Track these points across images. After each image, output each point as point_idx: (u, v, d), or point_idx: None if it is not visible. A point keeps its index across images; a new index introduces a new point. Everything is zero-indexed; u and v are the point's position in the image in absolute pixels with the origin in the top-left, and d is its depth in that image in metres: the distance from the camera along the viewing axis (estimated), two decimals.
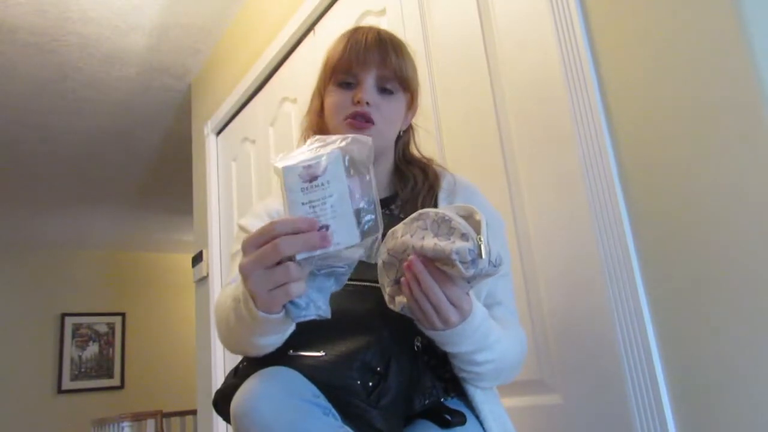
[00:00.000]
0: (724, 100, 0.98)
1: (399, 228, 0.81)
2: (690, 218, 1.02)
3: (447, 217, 0.76)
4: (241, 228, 1.03)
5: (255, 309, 0.69)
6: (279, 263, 0.66)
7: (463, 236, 0.73)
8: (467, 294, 0.78)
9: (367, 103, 0.96)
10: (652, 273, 1.07)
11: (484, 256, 0.71)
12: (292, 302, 0.69)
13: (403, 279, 0.77)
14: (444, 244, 0.73)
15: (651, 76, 1.09)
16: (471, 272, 0.72)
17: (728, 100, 0.98)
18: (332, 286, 0.72)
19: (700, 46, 1.02)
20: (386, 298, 0.81)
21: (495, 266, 0.73)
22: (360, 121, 0.96)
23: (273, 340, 0.77)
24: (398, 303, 0.79)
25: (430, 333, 0.80)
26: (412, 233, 0.78)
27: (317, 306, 0.70)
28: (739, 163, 0.96)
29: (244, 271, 0.68)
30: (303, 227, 0.65)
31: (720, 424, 0.96)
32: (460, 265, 0.71)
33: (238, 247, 1.01)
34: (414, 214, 0.80)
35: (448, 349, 0.83)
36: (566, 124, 1.23)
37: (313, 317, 0.70)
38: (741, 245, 0.95)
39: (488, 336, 0.83)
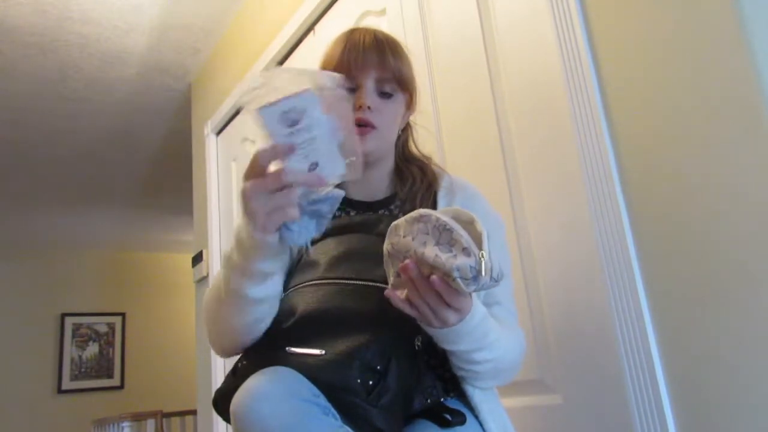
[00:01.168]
0: (724, 100, 0.98)
1: (401, 225, 0.80)
2: (690, 218, 1.02)
3: (449, 227, 0.74)
4: None
5: (252, 232, 0.74)
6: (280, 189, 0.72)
7: (465, 251, 0.72)
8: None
9: (369, 108, 0.97)
10: (652, 273, 1.07)
11: (485, 273, 0.71)
12: (286, 227, 0.75)
13: (400, 279, 0.77)
14: (445, 258, 0.72)
15: (651, 76, 1.09)
16: (472, 288, 0.72)
17: (728, 100, 0.98)
18: (314, 230, 0.78)
19: (700, 46, 1.02)
20: (389, 286, 0.81)
21: (496, 281, 0.73)
22: (362, 128, 0.97)
23: (263, 291, 0.81)
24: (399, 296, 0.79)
25: (428, 329, 0.81)
26: (414, 236, 0.77)
27: (309, 232, 0.77)
28: (739, 163, 0.96)
29: (246, 193, 0.73)
30: (281, 154, 0.73)
31: (720, 424, 0.96)
32: (460, 282, 0.71)
33: None
34: (415, 214, 0.79)
35: (447, 346, 0.83)
36: (566, 124, 1.23)
37: (304, 243, 0.77)
38: (741, 245, 0.95)
39: (487, 335, 0.83)
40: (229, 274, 0.81)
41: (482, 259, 0.71)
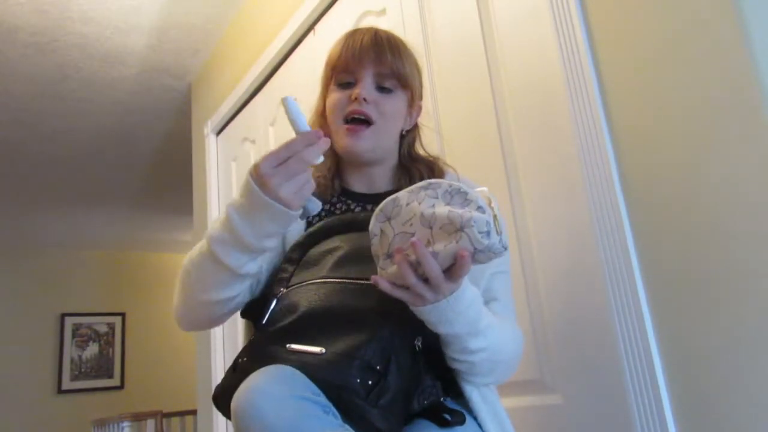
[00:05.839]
0: (724, 100, 0.98)
1: (402, 196, 0.79)
2: (690, 218, 1.02)
3: (462, 189, 0.76)
4: None
5: (275, 207, 0.79)
6: None
7: (480, 209, 0.73)
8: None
9: (365, 100, 0.97)
10: (652, 273, 1.07)
11: (498, 231, 0.73)
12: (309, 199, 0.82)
13: (389, 260, 0.77)
14: (461, 212, 0.73)
15: (651, 76, 1.09)
16: (485, 242, 0.71)
17: (728, 100, 0.98)
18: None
19: (700, 46, 1.02)
20: (378, 270, 0.80)
21: (504, 248, 0.74)
22: (358, 126, 0.98)
23: (255, 266, 0.88)
24: (388, 274, 0.78)
25: (423, 311, 0.79)
26: (420, 201, 0.77)
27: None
28: (739, 163, 0.96)
29: (271, 181, 0.78)
30: (314, 139, 0.81)
31: (720, 424, 0.96)
32: (477, 234, 0.71)
33: None
34: (422, 183, 0.79)
35: (442, 329, 0.81)
36: (566, 123, 1.23)
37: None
38: (741, 245, 0.95)
39: (480, 320, 0.82)
40: (224, 249, 0.84)
41: (496, 220, 0.73)
